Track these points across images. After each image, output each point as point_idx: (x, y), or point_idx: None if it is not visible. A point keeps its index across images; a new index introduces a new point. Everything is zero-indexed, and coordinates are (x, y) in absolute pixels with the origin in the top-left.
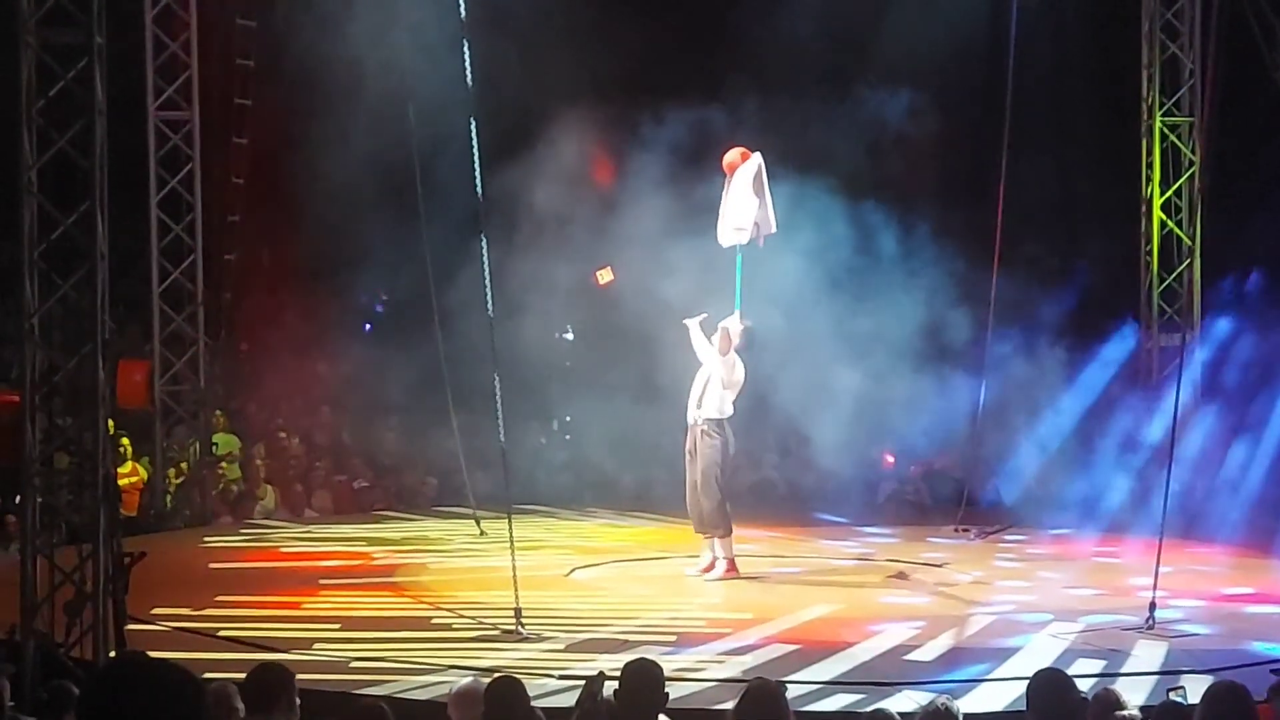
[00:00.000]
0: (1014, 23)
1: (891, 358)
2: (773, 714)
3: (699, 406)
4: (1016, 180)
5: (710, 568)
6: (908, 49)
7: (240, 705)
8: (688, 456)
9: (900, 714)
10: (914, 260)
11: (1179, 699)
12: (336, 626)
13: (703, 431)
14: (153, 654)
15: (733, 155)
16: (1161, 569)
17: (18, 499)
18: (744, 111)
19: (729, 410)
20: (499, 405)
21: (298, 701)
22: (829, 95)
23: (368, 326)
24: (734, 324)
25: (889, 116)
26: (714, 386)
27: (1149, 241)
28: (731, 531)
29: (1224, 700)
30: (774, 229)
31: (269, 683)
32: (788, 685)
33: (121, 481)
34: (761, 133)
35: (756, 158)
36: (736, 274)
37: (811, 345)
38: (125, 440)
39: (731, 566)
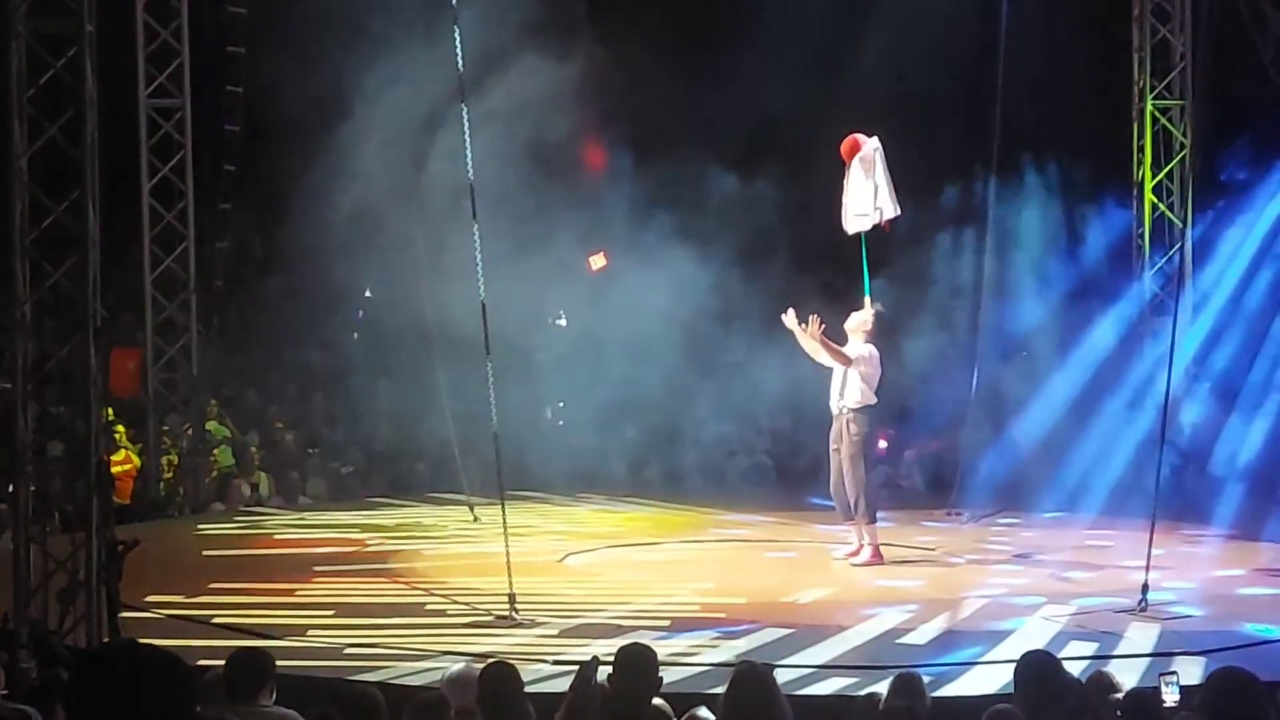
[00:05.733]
0: (1005, 7)
1: (884, 339)
2: (761, 696)
3: (841, 396)
4: (1007, 163)
5: (857, 552)
6: (898, 32)
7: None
8: (832, 445)
9: None
10: (902, 244)
11: (1171, 684)
12: (330, 613)
13: (848, 420)
14: (145, 641)
15: (851, 141)
16: (1154, 551)
17: (10, 487)
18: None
19: (872, 398)
20: (491, 391)
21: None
22: (815, 75)
23: (359, 313)
24: (866, 314)
25: (879, 100)
26: (854, 375)
27: (1141, 224)
28: (876, 519)
29: (1229, 684)
30: (898, 212)
31: (253, 668)
32: (780, 668)
33: (114, 469)
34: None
35: (874, 142)
36: (863, 261)
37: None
38: (120, 428)
39: (876, 553)
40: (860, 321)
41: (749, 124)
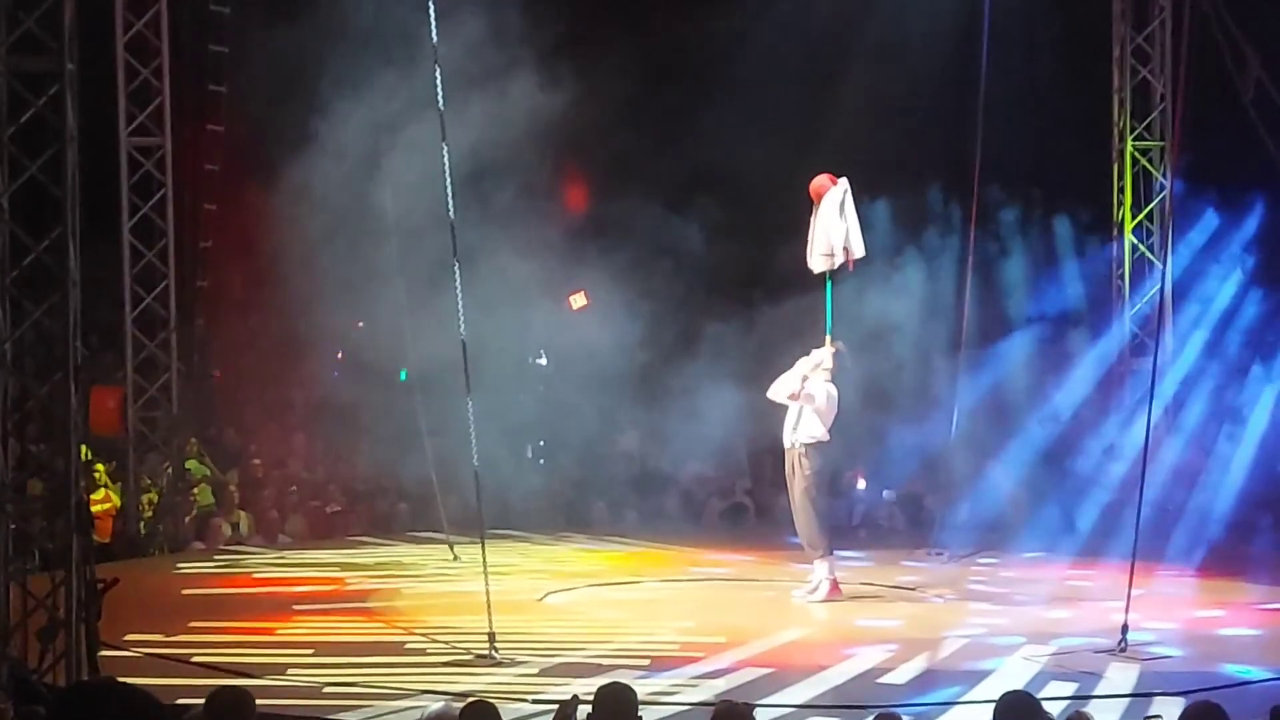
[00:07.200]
0: (985, 50)
1: (864, 379)
2: None
3: (795, 430)
4: (987, 204)
5: (815, 589)
6: (877, 71)
7: None
8: (788, 480)
9: None
10: (884, 287)
11: None
12: (310, 652)
13: (800, 455)
14: (125, 680)
15: (819, 181)
16: (1134, 592)
17: None
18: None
19: (825, 435)
20: (472, 429)
21: None
22: (796, 121)
23: (340, 354)
24: (826, 352)
25: (858, 141)
26: (809, 411)
27: (1121, 265)
28: (832, 552)
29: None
30: (862, 253)
31: (233, 708)
32: (760, 707)
33: (95, 508)
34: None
35: (842, 183)
36: (827, 300)
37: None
38: (100, 466)
39: (834, 587)
40: (820, 359)
41: (721, 169)
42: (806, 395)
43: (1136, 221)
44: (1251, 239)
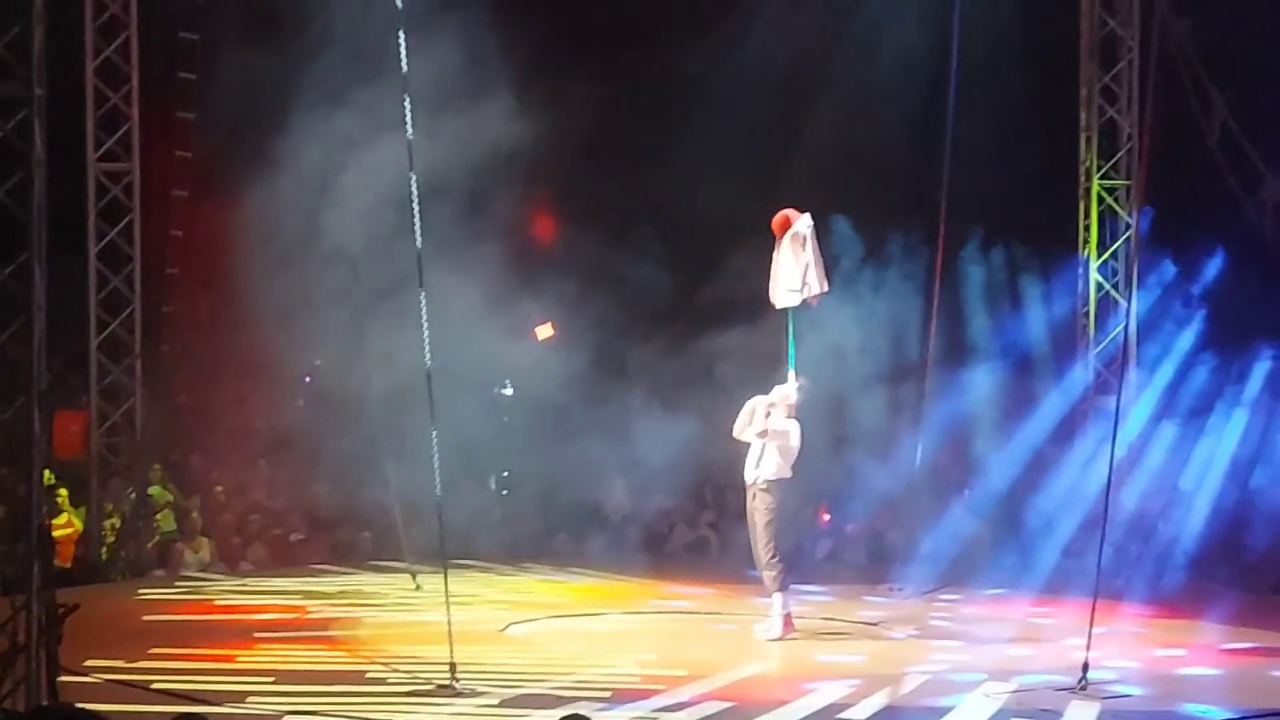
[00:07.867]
0: (952, 87)
1: (828, 415)
2: None
3: (757, 467)
4: (953, 241)
5: (770, 627)
6: (844, 109)
7: None
8: (749, 515)
9: None
10: (847, 322)
11: None
12: (270, 680)
13: (759, 490)
14: (84, 706)
15: (783, 216)
16: (1095, 630)
17: None
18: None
19: (788, 473)
20: (435, 459)
21: None
22: (762, 156)
23: (307, 379)
24: (790, 388)
25: (826, 175)
26: (771, 448)
27: (1086, 303)
28: (785, 588)
29: None
30: (826, 288)
31: None
32: None
33: (56, 533)
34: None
35: (805, 218)
36: (789, 336)
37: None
38: (63, 491)
39: (787, 623)
40: (784, 396)
41: (682, 203)
42: (776, 433)
43: (1102, 260)
44: (1212, 281)
